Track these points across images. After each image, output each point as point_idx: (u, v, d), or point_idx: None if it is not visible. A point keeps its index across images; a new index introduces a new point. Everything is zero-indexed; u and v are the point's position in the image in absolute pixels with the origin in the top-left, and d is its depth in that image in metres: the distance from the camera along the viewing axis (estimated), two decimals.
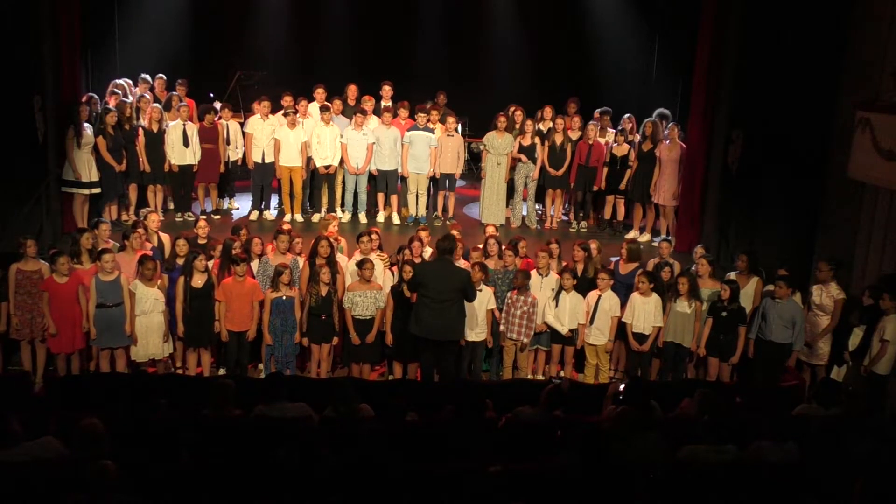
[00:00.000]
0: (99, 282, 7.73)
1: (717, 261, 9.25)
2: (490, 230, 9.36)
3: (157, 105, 10.72)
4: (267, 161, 10.83)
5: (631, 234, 10.93)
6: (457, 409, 6.16)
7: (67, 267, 7.68)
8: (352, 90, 11.42)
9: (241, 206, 11.58)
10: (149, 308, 7.80)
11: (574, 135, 11.16)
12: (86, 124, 9.91)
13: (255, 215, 11.08)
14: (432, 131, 10.96)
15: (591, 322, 8.26)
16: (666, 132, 10.74)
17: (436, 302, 7.48)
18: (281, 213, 11.24)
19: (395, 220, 11.19)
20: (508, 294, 8.26)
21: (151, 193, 10.82)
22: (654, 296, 8.18)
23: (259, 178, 10.99)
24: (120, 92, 10.85)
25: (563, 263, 8.66)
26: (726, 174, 10.56)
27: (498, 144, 10.84)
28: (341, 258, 8.55)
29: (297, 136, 10.69)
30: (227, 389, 6.12)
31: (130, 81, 11.26)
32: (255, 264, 8.36)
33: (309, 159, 10.81)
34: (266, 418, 5.94)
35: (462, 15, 14.67)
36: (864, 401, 7.12)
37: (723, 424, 5.77)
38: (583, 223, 11.35)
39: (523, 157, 10.91)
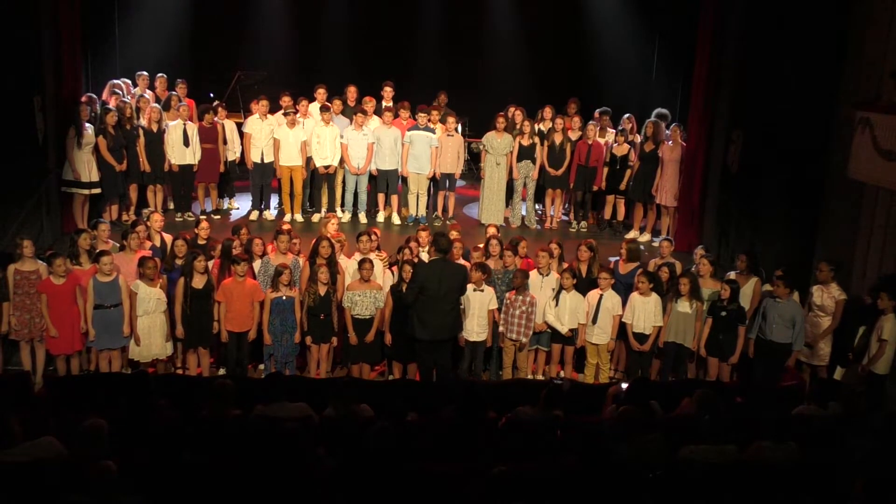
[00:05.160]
0: (97, 283, 7.73)
1: (718, 261, 9.25)
2: (491, 230, 9.35)
3: (156, 105, 10.72)
4: (266, 161, 10.83)
5: (631, 234, 10.93)
6: (457, 409, 6.16)
7: (64, 268, 7.66)
8: (351, 91, 11.42)
9: (241, 206, 11.58)
10: (151, 308, 7.80)
11: (574, 135, 11.17)
12: (87, 124, 9.91)
13: (254, 215, 11.08)
14: (433, 131, 10.96)
15: (594, 321, 8.26)
16: (668, 132, 10.75)
17: (440, 302, 7.51)
18: (281, 213, 11.24)
19: (396, 220, 11.19)
20: (507, 294, 8.26)
21: (151, 193, 10.82)
22: (654, 295, 8.18)
23: (259, 178, 10.99)
24: (120, 92, 10.86)
25: (564, 264, 8.66)
26: (726, 174, 10.57)
27: (497, 145, 10.84)
28: (342, 258, 8.54)
29: (296, 135, 10.69)
30: (227, 389, 6.12)
31: (129, 81, 11.26)
32: (256, 264, 8.36)
33: (309, 159, 10.81)
34: (266, 418, 5.94)
35: (462, 15, 14.67)
36: (864, 401, 7.12)
37: (723, 424, 5.77)
38: (583, 223, 11.36)
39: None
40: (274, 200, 11.46)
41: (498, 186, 10.97)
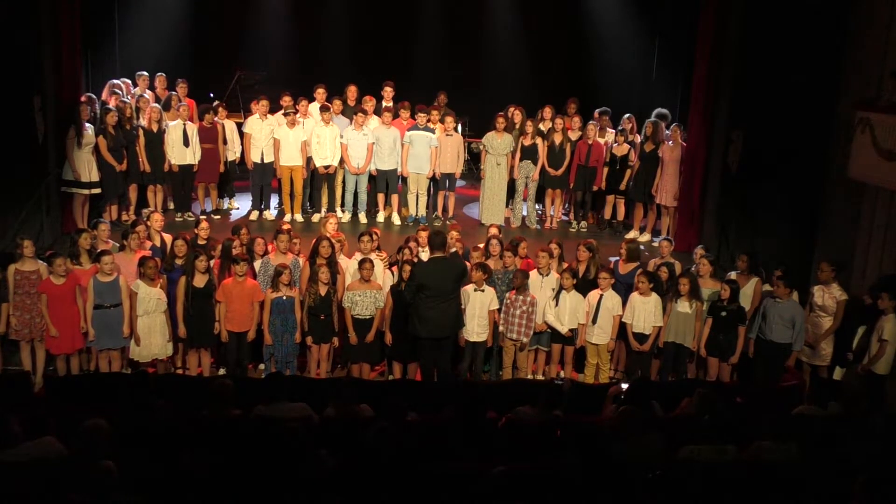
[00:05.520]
0: (97, 282, 7.73)
1: (717, 261, 9.25)
2: (493, 231, 9.35)
3: (156, 105, 10.73)
4: (266, 161, 10.84)
5: (631, 234, 10.93)
6: (457, 409, 6.16)
7: (64, 268, 7.66)
8: (351, 91, 11.42)
9: (241, 206, 11.58)
10: (152, 308, 7.80)
11: (574, 135, 11.16)
12: (87, 124, 9.91)
13: (254, 215, 11.08)
14: (433, 131, 10.96)
15: (594, 321, 8.26)
16: (668, 133, 10.75)
17: (440, 300, 7.51)
18: (281, 213, 11.24)
19: (396, 220, 11.19)
20: (507, 294, 8.26)
21: (151, 193, 10.82)
22: (654, 295, 8.18)
23: (258, 178, 10.99)
24: (119, 92, 10.87)
25: (565, 264, 8.66)
26: (726, 174, 10.57)
27: (497, 145, 10.84)
28: (343, 258, 8.54)
29: (296, 135, 10.69)
30: (227, 389, 6.12)
31: (129, 81, 11.27)
32: (257, 264, 8.36)
33: (309, 159, 10.82)
34: (266, 418, 5.94)
35: (462, 15, 14.68)
36: (864, 401, 7.13)
37: (723, 424, 5.77)
38: (583, 223, 11.35)
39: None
40: (274, 200, 11.46)
41: (498, 186, 10.97)
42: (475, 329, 8.09)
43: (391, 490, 5.06)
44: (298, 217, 11.03)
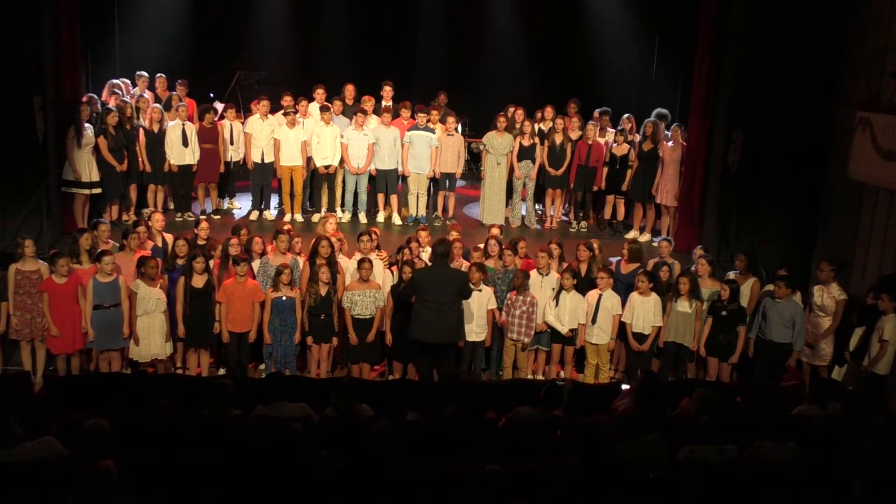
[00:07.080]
0: (97, 283, 7.73)
1: (717, 261, 9.25)
2: (494, 230, 9.34)
3: (157, 105, 10.72)
4: (266, 161, 10.84)
5: (631, 234, 10.93)
6: (457, 409, 6.16)
7: (67, 268, 7.67)
8: (349, 90, 11.42)
9: (241, 206, 11.57)
10: (151, 308, 7.79)
11: (574, 135, 11.16)
12: (86, 124, 9.91)
13: (255, 215, 11.08)
14: (433, 131, 10.96)
15: (594, 321, 8.25)
16: (668, 133, 10.75)
17: (437, 306, 7.48)
18: (281, 213, 11.24)
19: (396, 220, 11.19)
20: (508, 294, 8.26)
21: (151, 193, 10.81)
22: (654, 295, 8.18)
23: (259, 179, 10.99)
24: (119, 92, 10.86)
25: (564, 264, 8.66)
26: (726, 174, 10.57)
27: (497, 144, 10.84)
28: (342, 258, 8.55)
29: (296, 135, 10.69)
30: (227, 389, 6.12)
31: (128, 81, 11.26)
32: (255, 264, 8.35)
33: (309, 159, 10.82)
34: (266, 418, 5.94)
35: (462, 15, 14.69)
36: (864, 401, 7.13)
37: (723, 424, 5.77)
38: (583, 223, 11.35)
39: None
40: (274, 200, 11.45)
41: (498, 186, 10.97)
42: (473, 329, 8.09)
43: (391, 490, 5.06)
44: (298, 217, 11.02)
